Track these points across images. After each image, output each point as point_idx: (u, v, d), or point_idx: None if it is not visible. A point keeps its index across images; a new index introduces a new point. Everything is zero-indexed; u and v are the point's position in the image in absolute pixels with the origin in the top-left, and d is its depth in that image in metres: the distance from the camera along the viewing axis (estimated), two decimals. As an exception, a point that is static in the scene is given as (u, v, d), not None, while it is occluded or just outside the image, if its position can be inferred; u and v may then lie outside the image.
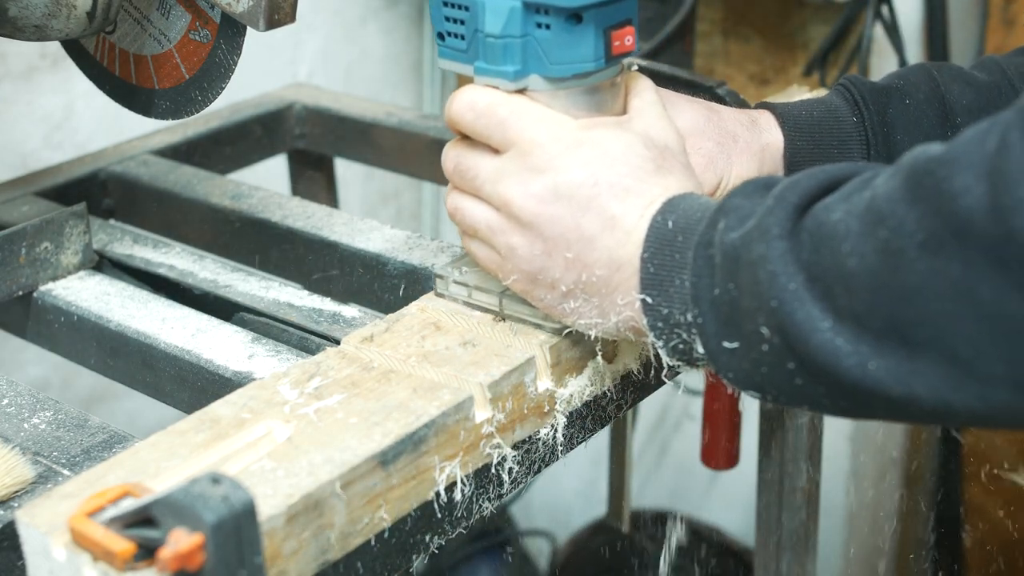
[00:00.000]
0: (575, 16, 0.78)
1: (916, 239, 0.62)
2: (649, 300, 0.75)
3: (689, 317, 0.73)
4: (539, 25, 0.79)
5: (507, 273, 0.81)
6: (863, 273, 0.64)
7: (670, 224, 0.75)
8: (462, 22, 0.82)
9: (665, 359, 0.77)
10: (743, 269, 0.69)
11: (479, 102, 0.81)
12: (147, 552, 0.62)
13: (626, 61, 0.84)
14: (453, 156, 0.83)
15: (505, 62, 0.80)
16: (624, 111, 0.83)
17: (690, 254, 0.73)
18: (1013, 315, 0.59)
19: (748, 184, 0.74)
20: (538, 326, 0.84)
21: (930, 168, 0.62)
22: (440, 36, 0.83)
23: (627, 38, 0.80)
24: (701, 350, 0.73)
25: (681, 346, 0.75)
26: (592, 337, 0.80)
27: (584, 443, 0.87)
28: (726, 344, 0.72)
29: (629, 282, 0.76)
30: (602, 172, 0.77)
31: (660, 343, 0.76)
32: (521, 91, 0.81)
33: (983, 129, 0.62)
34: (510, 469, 0.81)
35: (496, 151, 0.81)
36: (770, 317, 0.68)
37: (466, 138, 0.83)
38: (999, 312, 0.59)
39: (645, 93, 0.84)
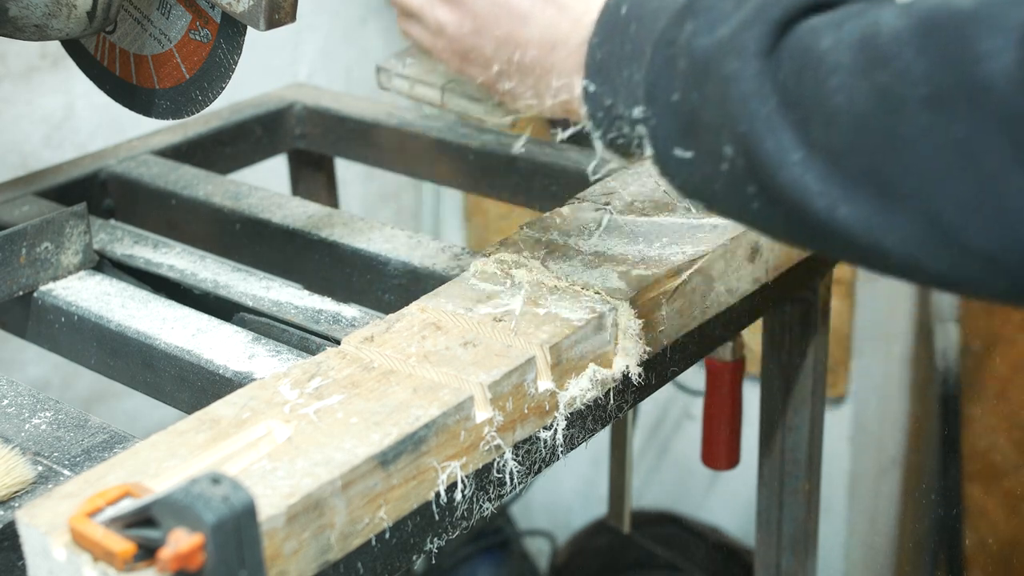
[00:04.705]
0: None
1: (920, 91, 0.58)
2: (592, 88, 0.72)
3: (636, 113, 0.70)
4: None
5: (439, 52, 0.80)
6: (850, 112, 0.60)
7: (623, 10, 0.71)
8: None
9: (600, 151, 0.74)
10: (712, 82, 0.65)
11: None
12: (147, 552, 0.62)
13: None
14: None
15: None
16: None
17: (648, 49, 0.69)
18: (1012, 193, 0.56)
19: None
20: (481, 120, 0.83)
21: (954, 22, 0.58)
22: None
23: None
24: (647, 150, 0.70)
25: (620, 140, 0.72)
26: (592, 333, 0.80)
27: (584, 443, 0.87)
28: (678, 152, 0.68)
29: (565, 63, 0.74)
30: None
31: (598, 133, 0.73)
32: None
33: None
34: (511, 469, 0.81)
35: None
36: (737, 139, 0.64)
37: None
38: (997, 185, 0.57)
39: None
